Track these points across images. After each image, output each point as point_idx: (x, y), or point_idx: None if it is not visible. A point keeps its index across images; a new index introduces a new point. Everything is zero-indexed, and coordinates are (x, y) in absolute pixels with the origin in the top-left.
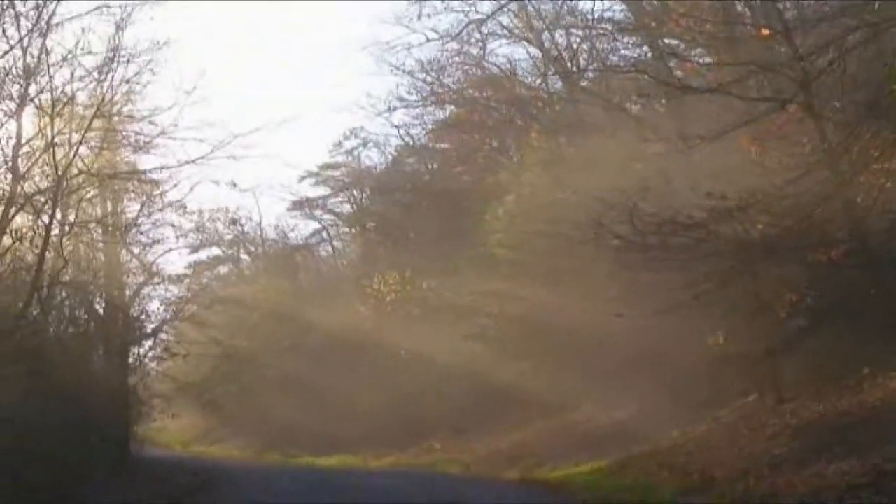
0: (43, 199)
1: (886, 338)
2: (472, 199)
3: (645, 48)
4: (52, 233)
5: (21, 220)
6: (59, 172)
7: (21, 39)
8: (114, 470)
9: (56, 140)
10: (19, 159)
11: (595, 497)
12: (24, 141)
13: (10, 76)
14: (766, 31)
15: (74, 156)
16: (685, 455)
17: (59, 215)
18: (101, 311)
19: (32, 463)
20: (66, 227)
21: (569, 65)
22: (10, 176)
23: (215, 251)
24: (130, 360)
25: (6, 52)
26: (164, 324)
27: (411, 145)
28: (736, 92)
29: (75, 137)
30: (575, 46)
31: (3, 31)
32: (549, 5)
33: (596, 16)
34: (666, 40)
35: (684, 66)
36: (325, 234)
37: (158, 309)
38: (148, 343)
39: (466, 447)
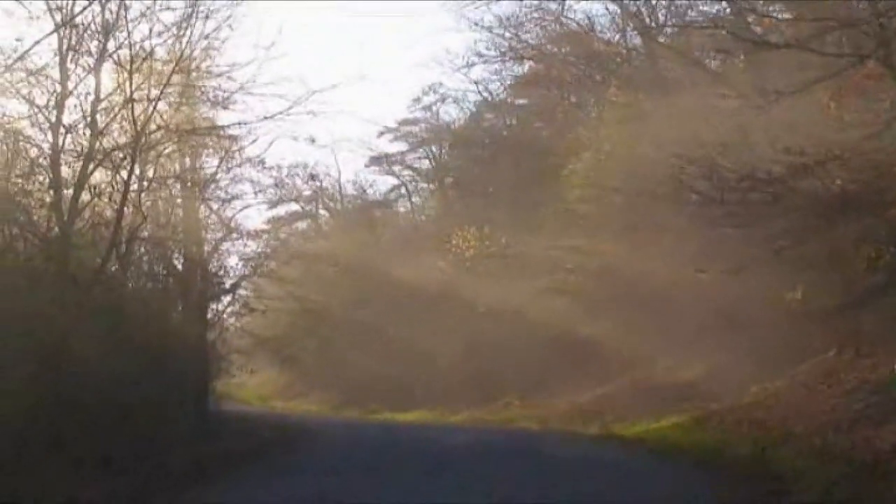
0: (122, 155)
1: None
2: (551, 154)
3: (723, 3)
4: (131, 188)
5: (100, 176)
6: (138, 128)
7: None
8: (193, 424)
9: (135, 96)
10: (98, 115)
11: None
12: (102, 97)
13: (89, 32)
14: None
15: (153, 111)
16: (764, 410)
17: (137, 171)
18: (179, 266)
19: (113, 415)
20: (145, 183)
21: (647, 20)
22: (88, 132)
23: (294, 207)
24: (209, 315)
25: (85, 8)
26: (242, 279)
27: (490, 101)
28: (814, 48)
29: (154, 93)
30: (653, 2)
31: None
32: None
33: None
34: None
35: (763, 21)
36: (403, 190)
37: (237, 264)
38: (226, 298)
39: (544, 403)
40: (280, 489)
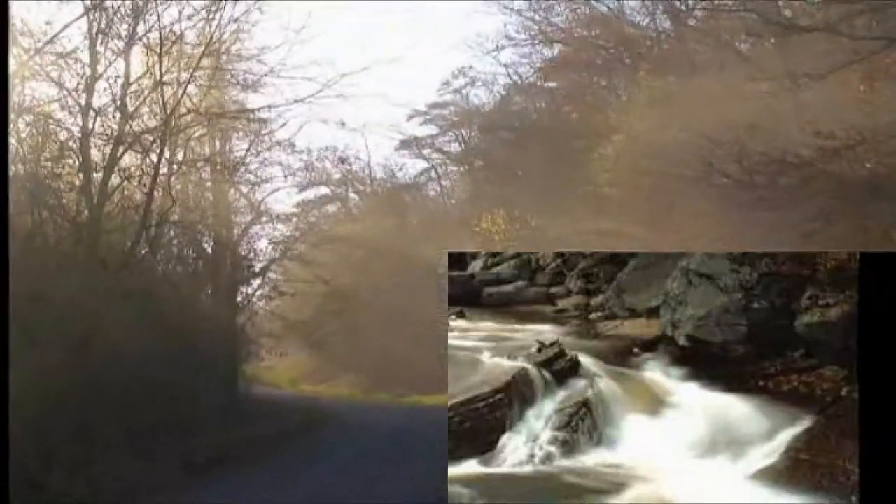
0: (151, 138)
1: None
2: (581, 137)
3: None
4: (161, 172)
5: (129, 159)
6: (168, 111)
7: None
8: (223, 408)
9: (164, 79)
10: (127, 98)
11: None
12: (132, 80)
13: (119, 15)
14: None
15: (182, 95)
16: None
17: (167, 154)
18: (209, 250)
19: (141, 401)
20: (175, 166)
21: (677, 3)
22: (118, 115)
23: (323, 190)
24: (239, 299)
25: None
26: (272, 263)
27: (519, 84)
28: (844, 31)
29: (183, 76)
30: None
31: None
32: None
33: None
34: None
35: (793, 4)
36: (433, 173)
37: (266, 248)
38: (256, 282)
39: None
40: (304, 479)
